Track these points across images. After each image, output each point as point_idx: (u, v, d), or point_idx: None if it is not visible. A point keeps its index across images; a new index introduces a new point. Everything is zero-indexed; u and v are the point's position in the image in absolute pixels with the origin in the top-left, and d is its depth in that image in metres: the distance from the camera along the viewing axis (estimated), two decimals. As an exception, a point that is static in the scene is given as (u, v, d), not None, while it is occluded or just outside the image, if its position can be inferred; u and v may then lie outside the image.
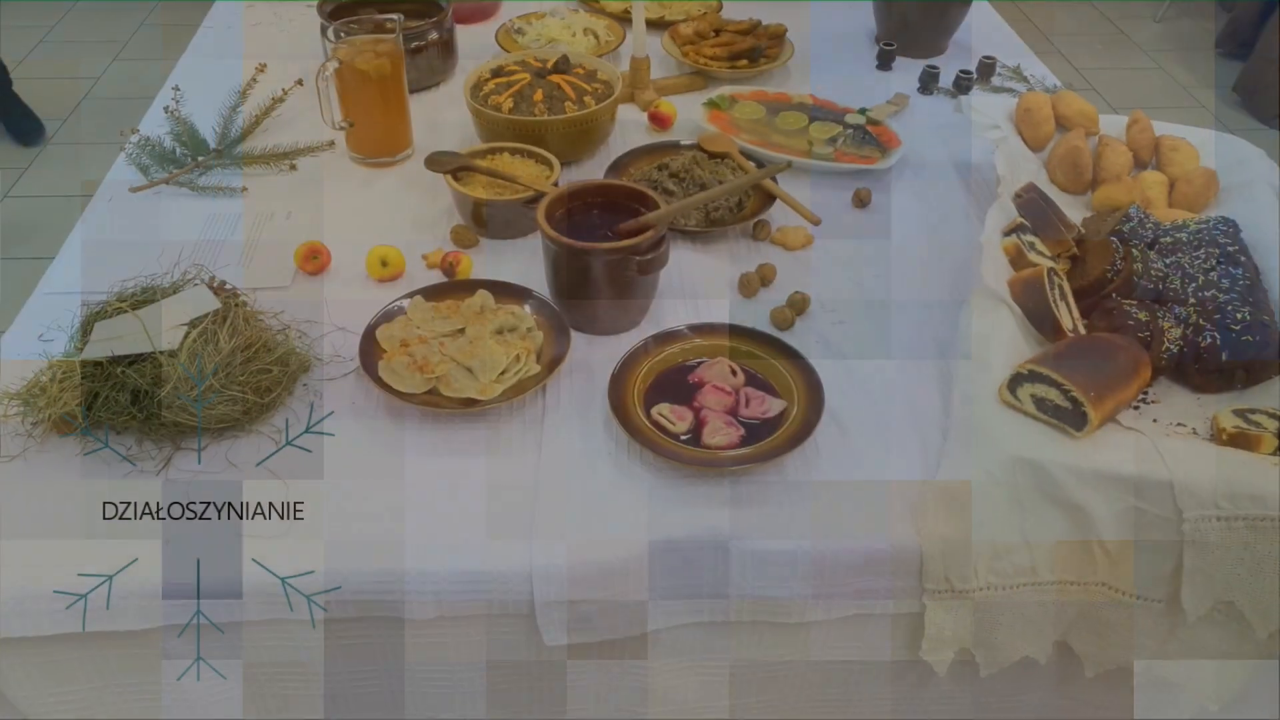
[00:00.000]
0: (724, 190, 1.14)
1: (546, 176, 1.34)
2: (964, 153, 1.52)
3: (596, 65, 1.54)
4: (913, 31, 1.76)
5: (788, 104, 1.59)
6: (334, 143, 1.49)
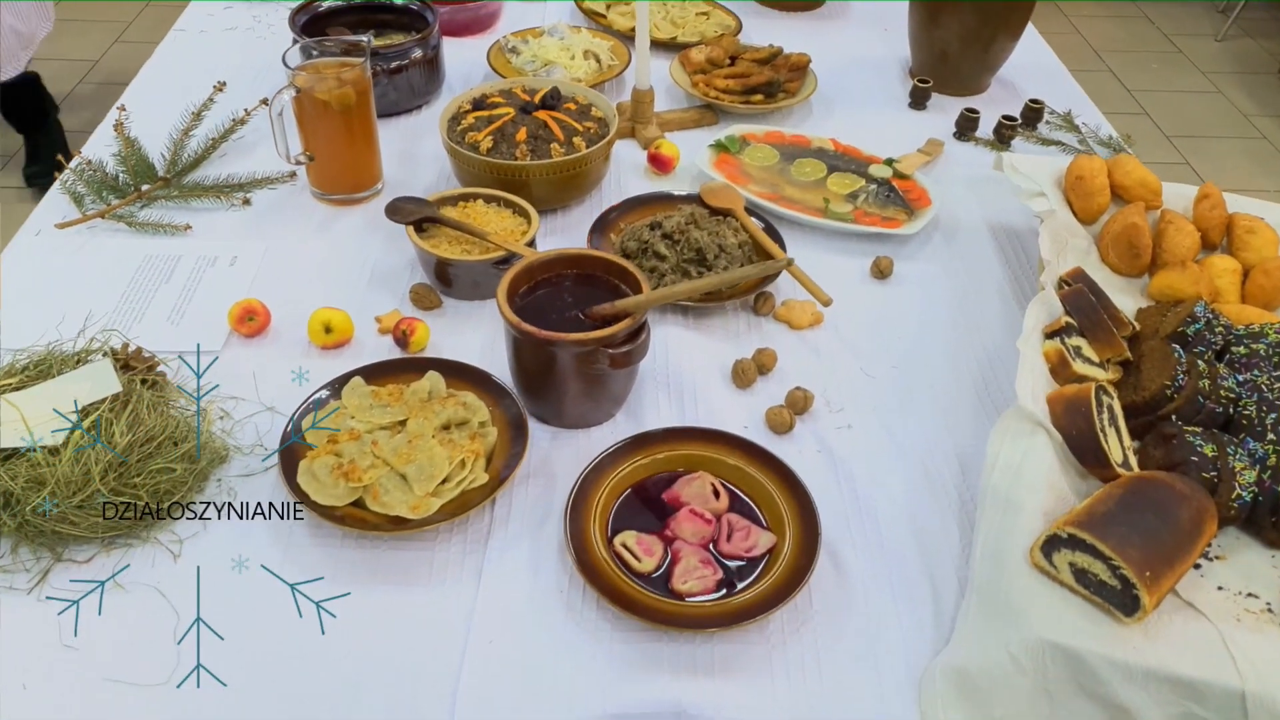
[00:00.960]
0: (710, 283, 0.96)
1: (523, 232, 1.17)
2: (1003, 215, 1.34)
3: (591, 99, 1.37)
4: (952, 66, 1.58)
5: (805, 149, 1.41)
6: (295, 174, 1.33)
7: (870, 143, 1.45)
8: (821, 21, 1.82)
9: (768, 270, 0.84)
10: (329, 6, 1.53)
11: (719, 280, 0.90)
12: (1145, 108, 3.27)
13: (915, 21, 1.59)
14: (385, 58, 1.44)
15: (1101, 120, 1.53)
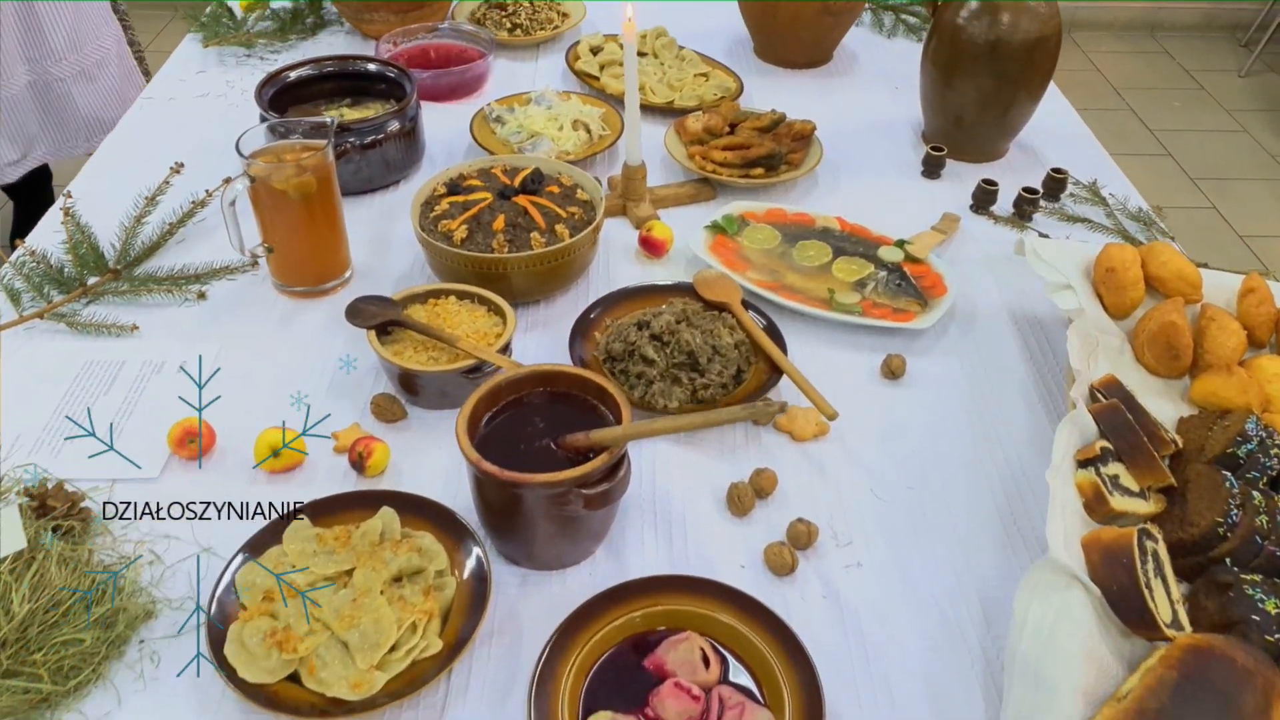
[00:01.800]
0: (694, 424, 0.84)
1: (497, 334, 1.07)
2: (1024, 301, 1.23)
3: (577, 180, 1.26)
4: (967, 131, 1.47)
5: (809, 229, 1.30)
6: (258, 262, 1.23)
7: (881, 216, 1.34)
8: (828, 80, 1.72)
9: (757, 415, 0.73)
10: (299, 75, 1.44)
11: (704, 420, 0.79)
12: (1168, 148, 3.15)
13: (928, 84, 1.48)
14: (359, 132, 1.35)
15: (1130, 190, 1.41)
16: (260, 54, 1.74)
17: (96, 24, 1.94)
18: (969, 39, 1.38)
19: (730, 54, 1.77)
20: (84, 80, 1.93)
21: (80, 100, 1.95)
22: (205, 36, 1.74)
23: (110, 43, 1.97)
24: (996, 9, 1.37)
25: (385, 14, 1.70)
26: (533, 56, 1.76)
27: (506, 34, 1.75)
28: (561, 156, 1.42)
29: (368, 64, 1.48)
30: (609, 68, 1.65)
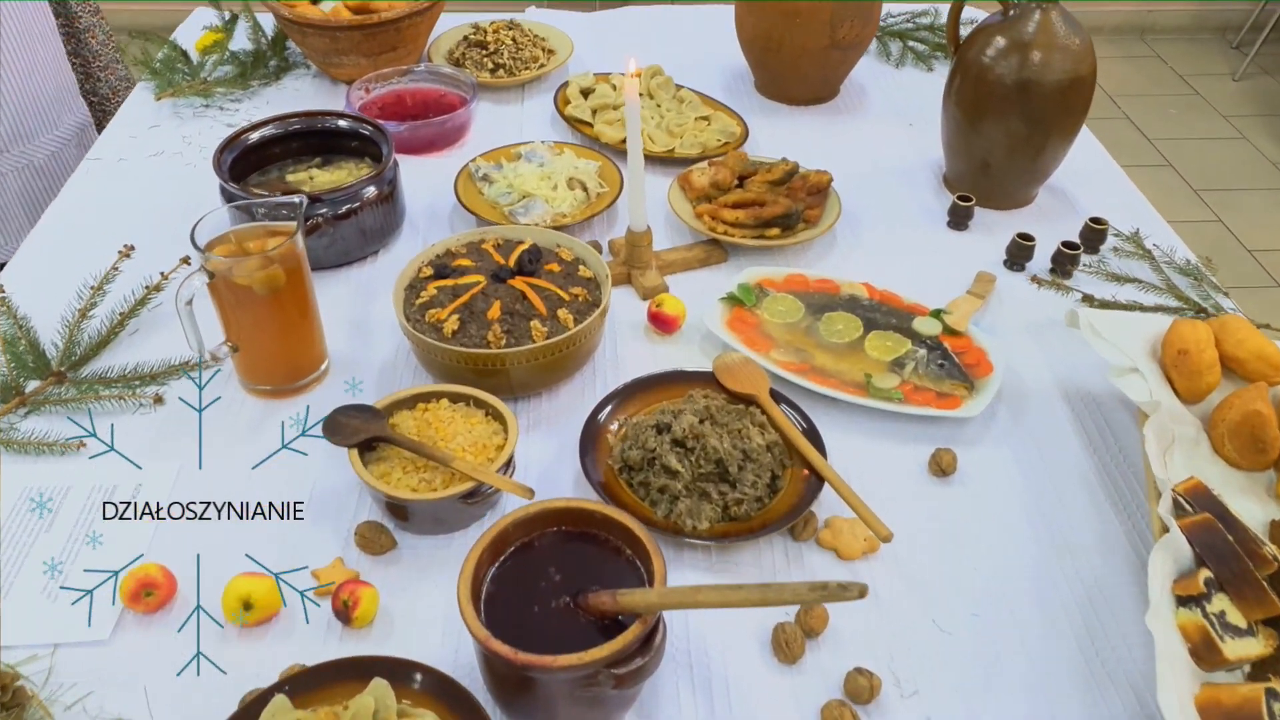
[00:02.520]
0: (749, 600, 0.69)
1: (498, 446, 0.94)
2: (1076, 374, 1.11)
3: (578, 253, 1.14)
4: (995, 179, 1.35)
5: (835, 298, 1.18)
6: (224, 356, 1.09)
7: (908, 277, 1.22)
8: (836, 117, 1.60)
9: (830, 597, 0.61)
10: (263, 135, 1.30)
11: (761, 598, 0.66)
12: (1168, 158, 3.06)
13: (951, 127, 1.36)
14: (332, 202, 1.21)
15: (1177, 242, 1.30)
16: (220, 103, 1.59)
17: (57, 107, 1.68)
18: (996, 79, 1.27)
19: (730, 90, 1.65)
20: (29, 174, 1.63)
21: (18, 191, 1.63)
22: (158, 86, 1.59)
23: (70, 130, 1.70)
24: (1026, 46, 1.25)
25: (355, 57, 1.57)
26: (518, 98, 1.63)
27: (488, 75, 1.61)
28: (557, 220, 1.29)
29: (338, 120, 1.34)
30: (602, 112, 1.52)
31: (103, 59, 1.96)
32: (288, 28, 1.56)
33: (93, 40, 1.91)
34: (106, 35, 1.95)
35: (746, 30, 1.55)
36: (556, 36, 1.71)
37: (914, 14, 1.84)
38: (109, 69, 1.93)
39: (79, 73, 1.96)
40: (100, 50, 1.95)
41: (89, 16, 1.90)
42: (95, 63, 1.95)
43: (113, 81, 1.92)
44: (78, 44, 1.98)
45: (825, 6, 1.45)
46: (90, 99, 1.95)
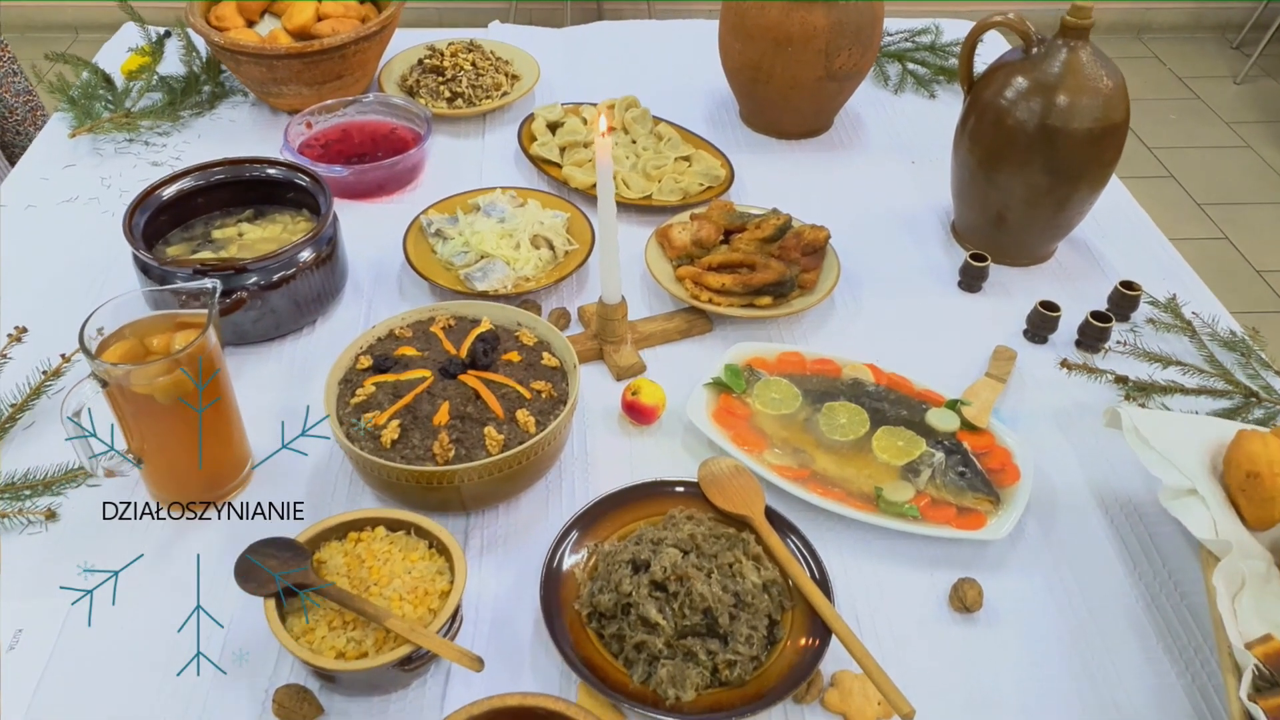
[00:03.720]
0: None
1: (443, 592, 0.79)
2: (1114, 478, 0.97)
3: (542, 334, 0.98)
4: (1012, 233, 1.21)
5: (836, 382, 1.03)
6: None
7: (917, 349, 1.09)
8: (830, 153, 1.45)
9: None
10: (181, 189, 1.14)
11: None
12: (1169, 168, 2.93)
13: (963, 173, 1.22)
14: (262, 270, 1.05)
15: (1220, 310, 1.16)
16: (146, 138, 1.42)
17: None
18: (1016, 124, 1.12)
19: (714, 121, 1.50)
20: None
21: None
22: (75, 118, 1.42)
23: None
24: (1051, 88, 1.11)
25: (296, 87, 1.40)
26: (478, 131, 1.47)
27: (445, 105, 1.45)
28: (520, 286, 1.14)
29: (269, 168, 1.18)
30: (572, 151, 1.36)
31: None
32: (220, 55, 1.39)
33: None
34: (2, 47, 1.77)
35: (732, 59, 1.39)
36: (522, 59, 1.55)
37: (913, 32, 1.69)
38: (4, 84, 1.75)
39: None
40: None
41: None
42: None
43: (9, 100, 1.74)
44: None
45: (820, 34, 1.30)
46: (45, 82, 1.77)
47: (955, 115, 1.23)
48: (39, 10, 3.42)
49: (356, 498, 0.94)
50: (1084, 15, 1.09)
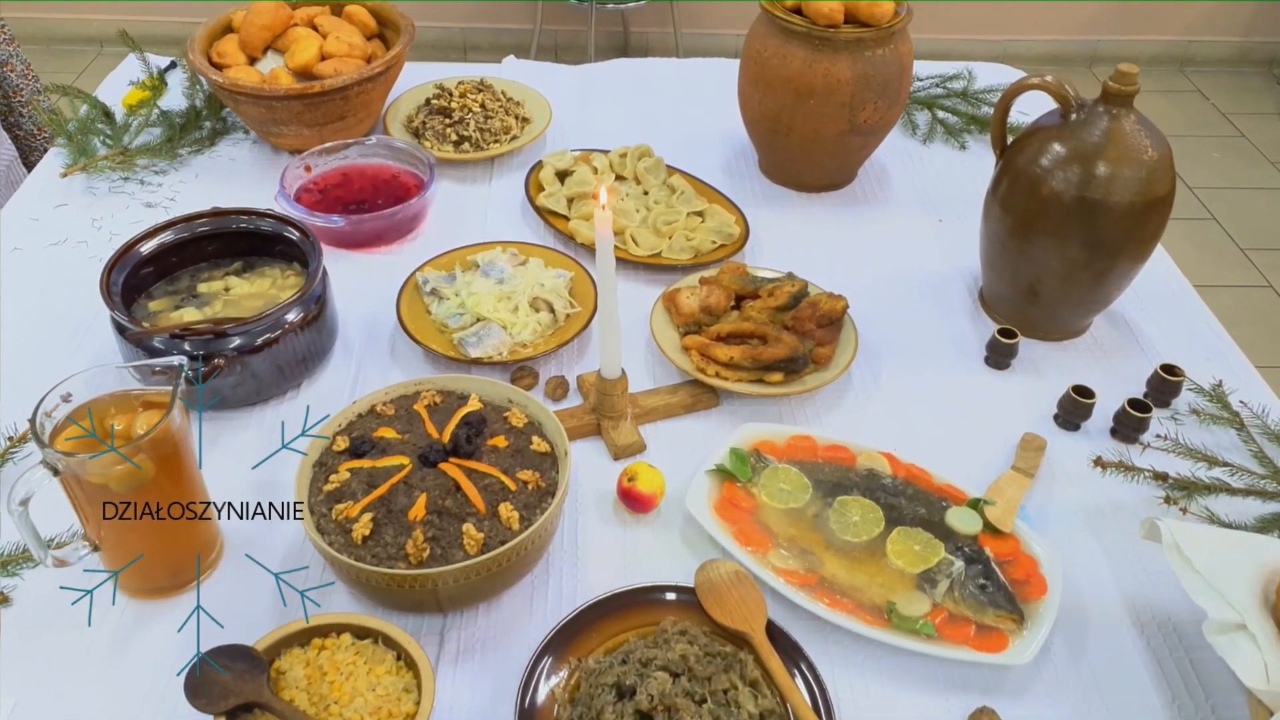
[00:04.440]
0: None
1: (409, 715, 0.72)
2: (1151, 589, 0.89)
3: (534, 414, 0.92)
4: (1045, 306, 1.13)
5: (849, 473, 0.96)
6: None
7: (937, 431, 1.02)
8: (852, 207, 1.37)
9: None
10: (163, 242, 1.08)
11: None
12: (1212, 210, 2.82)
13: (993, 240, 1.14)
14: (248, 333, 0.99)
15: (1268, 395, 1.08)
16: (142, 176, 1.38)
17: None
18: (1053, 194, 1.04)
19: (730, 171, 1.43)
20: None
21: None
22: (70, 154, 1.37)
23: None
24: (1091, 158, 1.03)
25: (296, 128, 1.35)
26: (485, 177, 1.41)
27: (452, 149, 1.39)
28: (516, 353, 1.07)
29: (260, 219, 1.12)
30: (580, 203, 1.30)
31: (24, 93, 1.75)
32: (219, 93, 1.34)
33: (10, 73, 1.70)
34: (25, 66, 1.74)
35: (751, 109, 1.32)
36: (534, 100, 1.49)
37: (943, 77, 1.62)
38: (31, 104, 1.73)
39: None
40: (20, 84, 1.74)
41: (4, 47, 1.69)
42: (16, 97, 1.74)
43: (14, 80, 1.71)
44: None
45: (844, 87, 1.23)
46: (15, 133, 1.75)
47: (987, 168, 1.15)
48: (62, 24, 3.42)
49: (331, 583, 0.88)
50: (1129, 81, 1.01)
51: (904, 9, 1.25)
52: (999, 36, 3.52)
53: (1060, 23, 3.49)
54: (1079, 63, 3.57)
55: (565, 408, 1.04)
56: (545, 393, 1.06)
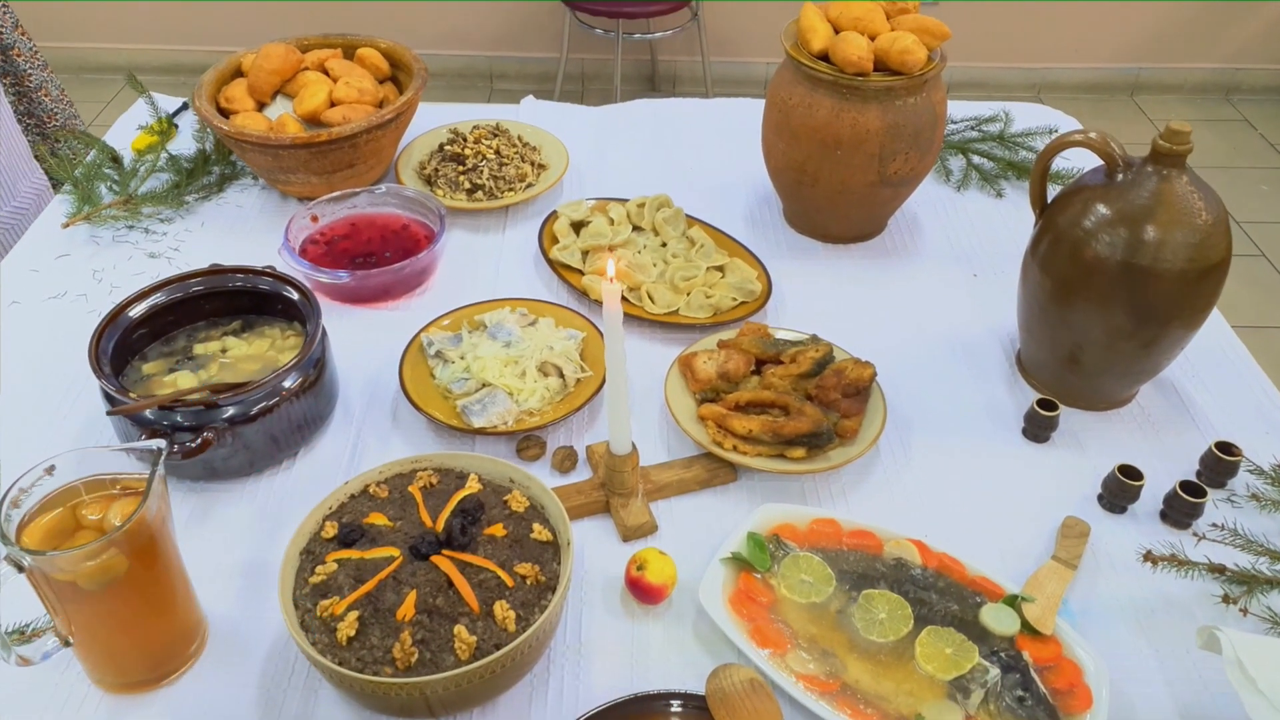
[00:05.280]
0: None
1: (388, 844, 0.66)
2: (1204, 698, 0.81)
3: (536, 496, 0.86)
4: (1088, 374, 1.05)
5: (876, 562, 0.89)
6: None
7: (970, 511, 0.95)
8: (882, 260, 1.31)
9: None
10: (155, 304, 1.04)
11: None
12: (1260, 245, 2.72)
13: (1032, 308, 1.07)
14: (243, 403, 0.95)
15: (1332, 477, 0.99)
16: (146, 224, 1.34)
17: (11, 175, 1.51)
18: (1096, 259, 0.97)
19: (753, 220, 1.37)
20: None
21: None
22: (75, 200, 1.34)
23: (27, 198, 1.55)
24: (1138, 221, 0.95)
25: (305, 175, 1.31)
26: (499, 226, 1.36)
27: (465, 197, 1.34)
28: (522, 422, 1.02)
29: (258, 278, 1.08)
30: (595, 256, 1.24)
31: (58, 117, 1.74)
32: (226, 141, 1.30)
33: (45, 99, 1.69)
34: (60, 92, 1.73)
35: (775, 158, 1.26)
36: (550, 145, 1.44)
37: (978, 120, 1.55)
38: (67, 127, 1.71)
39: (33, 134, 1.76)
40: (55, 108, 1.73)
41: (39, 73, 1.68)
42: (51, 122, 1.73)
43: (73, 142, 1.69)
44: (30, 104, 1.76)
45: (873, 137, 1.17)
46: (52, 160, 1.73)
47: (1024, 218, 1.08)
48: (94, 53, 3.44)
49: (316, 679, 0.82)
50: (1181, 140, 0.94)
51: (937, 54, 1.19)
52: (1036, 64, 3.43)
53: (1099, 50, 3.39)
54: (1120, 90, 3.47)
55: (573, 482, 0.98)
56: (552, 464, 1.00)
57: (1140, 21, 3.31)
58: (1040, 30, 3.35)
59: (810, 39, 1.17)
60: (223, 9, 3.27)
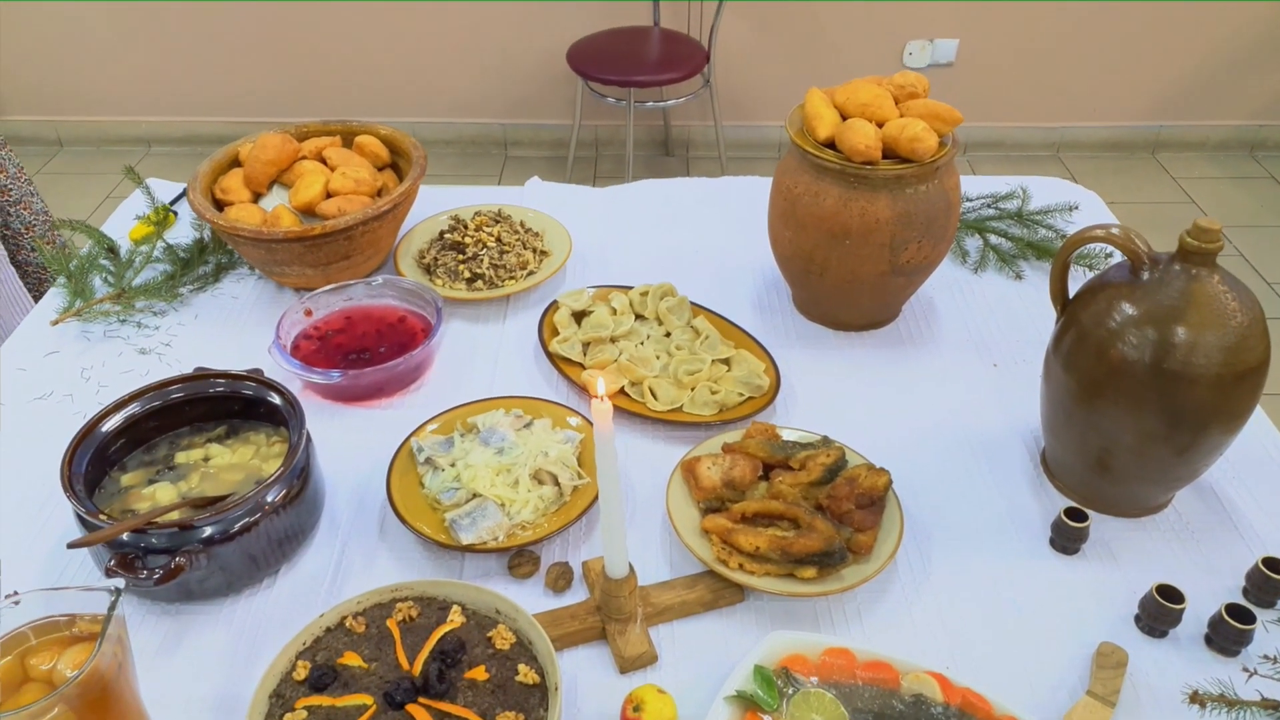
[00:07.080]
0: None
1: None
2: None
3: (523, 631, 0.80)
4: (1118, 479, 0.98)
5: (892, 699, 0.82)
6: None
7: (995, 633, 0.88)
8: (895, 349, 1.25)
9: None
10: (133, 414, 1.00)
11: None
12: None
13: (1056, 409, 1.00)
14: (222, 520, 0.90)
15: (1392, 599, 0.91)
16: (139, 318, 1.31)
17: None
18: (1123, 360, 0.91)
19: (761, 306, 1.31)
20: None
21: None
22: (68, 295, 1.31)
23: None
24: (1167, 322, 0.89)
25: (300, 268, 1.27)
26: (499, 315, 1.31)
27: (465, 287, 1.30)
28: (513, 538, 0.96)
29: (241, 384, 1.03)
30: (596, 348, 1.19)
31: (13, 194, 1.70)
32: (220, 233, 1.27)
33: (25, 211, 1.67)
34: (18, 169, 1.70)
35: (782, 246, 1.22)
36: (553, 230, 1.40)
37: (994, 197, 1.50)
38: (22, 203, 1.68)
39: (10, 245, 1.73)
40: (9, 185, 1.69)
41: (21, 185, 1.66)
42: (4, 197, 1.69)
43: (27, 217, 1.67)
44: (5, 216, 1.74)
45: (883, 227, 1.12)
46: (3, 232, 1.70)
47: (1045, 302, 1.03)
48: (114, 125, 3.47)
49: (283, 842, 0.76)
50: (1210, 239, 0.88)
51: (949, 139, 1.14)
52: (1055, 123, 3.39)
53: (1119, 108, 3.35)
54: (1141, 149, 3.41)
55: (567, 605, 0.92)
56: (546, 583, 0.94)
57: (1160, 79, 3.27)
58: (1059, 88, 3.32)
59: (816, 126, 1.13)
60: (248, 79, 3.29)
